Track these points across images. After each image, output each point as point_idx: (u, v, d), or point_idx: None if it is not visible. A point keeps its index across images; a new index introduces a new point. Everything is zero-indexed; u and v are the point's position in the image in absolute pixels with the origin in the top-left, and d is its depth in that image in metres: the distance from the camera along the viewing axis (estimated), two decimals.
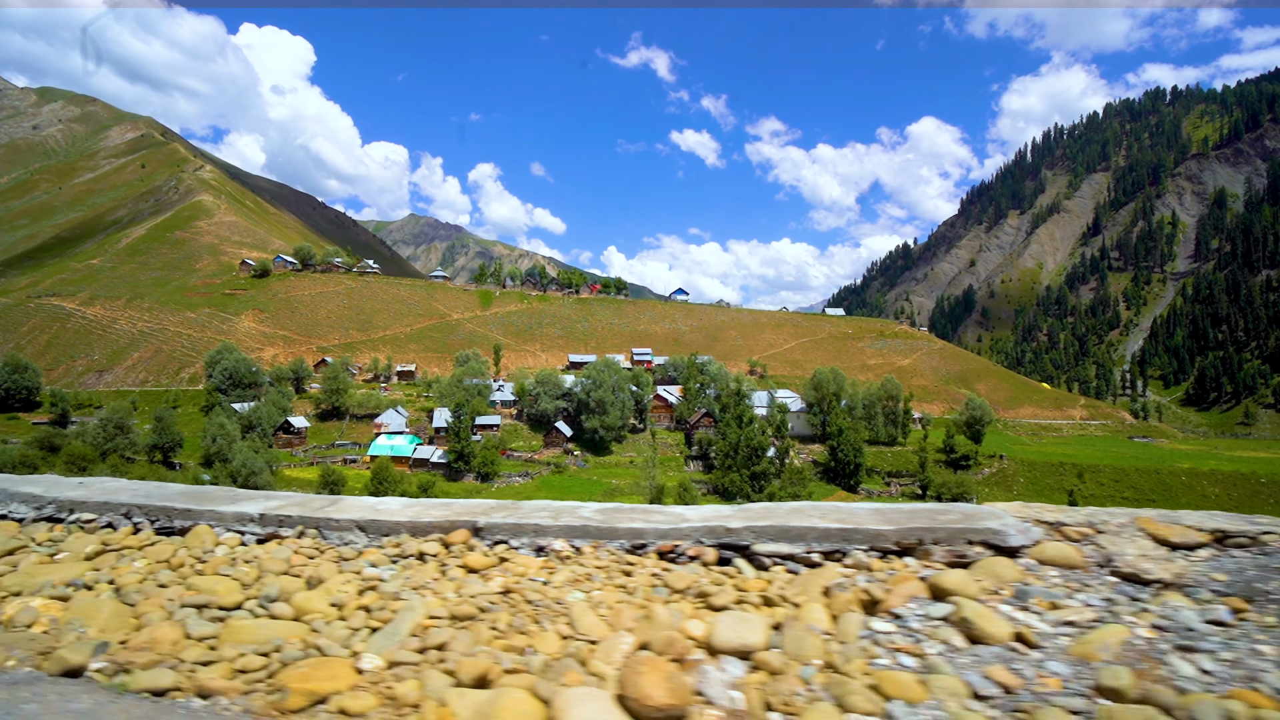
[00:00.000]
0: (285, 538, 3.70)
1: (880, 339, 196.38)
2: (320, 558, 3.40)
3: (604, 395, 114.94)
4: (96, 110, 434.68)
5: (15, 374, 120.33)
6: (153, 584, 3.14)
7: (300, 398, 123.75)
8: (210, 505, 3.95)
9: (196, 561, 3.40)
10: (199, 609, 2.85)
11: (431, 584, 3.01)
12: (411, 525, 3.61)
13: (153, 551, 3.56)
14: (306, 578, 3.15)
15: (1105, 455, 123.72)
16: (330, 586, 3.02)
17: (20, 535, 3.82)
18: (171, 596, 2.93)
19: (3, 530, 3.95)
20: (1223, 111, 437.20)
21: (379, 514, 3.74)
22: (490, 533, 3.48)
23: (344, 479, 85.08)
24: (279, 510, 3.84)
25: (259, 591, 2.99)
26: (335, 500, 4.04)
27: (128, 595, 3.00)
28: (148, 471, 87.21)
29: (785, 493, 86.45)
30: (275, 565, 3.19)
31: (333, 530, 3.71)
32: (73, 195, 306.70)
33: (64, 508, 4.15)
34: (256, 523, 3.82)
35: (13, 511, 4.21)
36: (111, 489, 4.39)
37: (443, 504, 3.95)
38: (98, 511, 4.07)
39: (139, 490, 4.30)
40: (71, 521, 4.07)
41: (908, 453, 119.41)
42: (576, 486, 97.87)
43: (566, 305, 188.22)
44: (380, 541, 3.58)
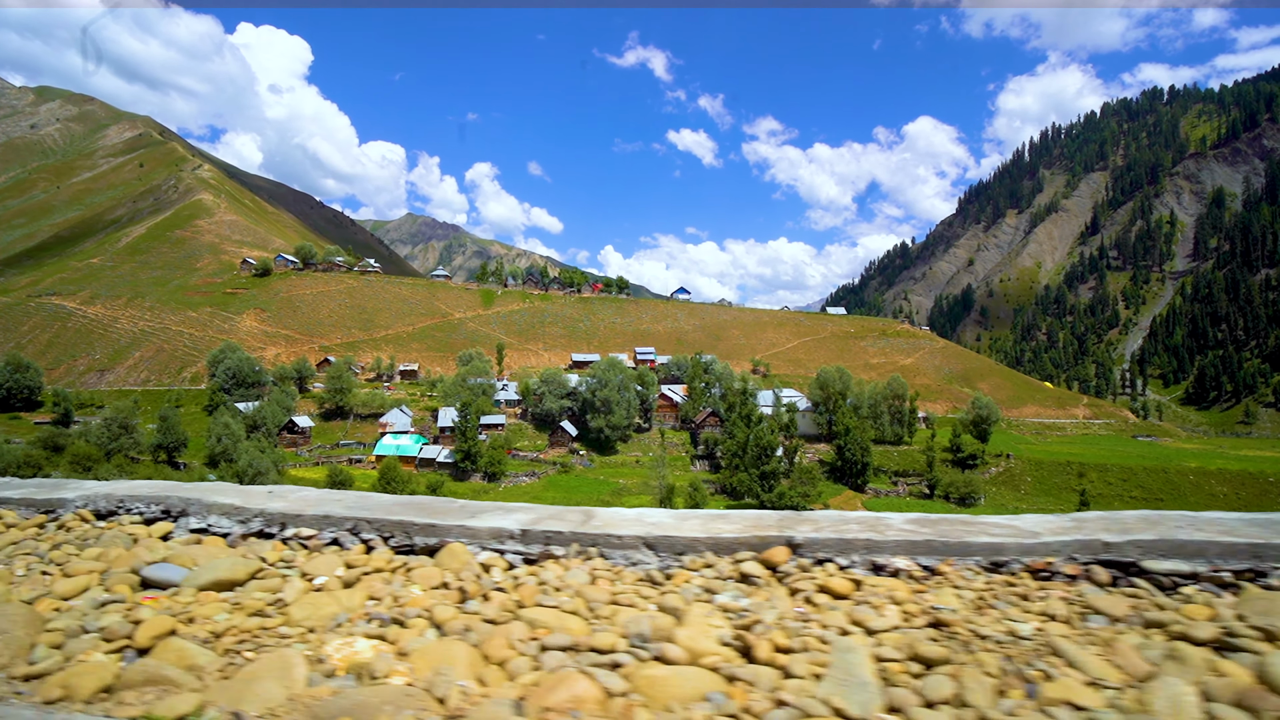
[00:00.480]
0: (559, 557, 3.28)
1: (882, 338, 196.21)
2: (627, 583, 2.97)
3: (609, 395, 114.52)
4: (94, 109, 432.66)
5: (17, 373, 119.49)
6: (475, 619, 2.64)
7: (304, 397, 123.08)
8: (455, 520, 3.51)
9: (482, 588, 2.96)
10: (567, 651, 2.38)
11: (826, 615, 2.55)
12: (712, 542, 3.18)
13: (421, 575, 3.12)
14: (664, 610, 2.67)
15: (1111, 454, 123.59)
16: (696, 620, 2.54)
17: (249, 555, 3.38)
18: (519, 635, 2.47)
19: (215, 547, 3.52)
20: (1220, 111, 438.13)
21: (663, 529, 3.31)
22: (810, 549, 3.07)
23: (351, 478, 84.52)
24: (542, 525, 3.41)
25: (622, 629, 2.50)
26: (590, 513, 3.61)
27: (460, 634, 2.55)
28: (153, 471, 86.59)
29: (795, 492, 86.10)
30: (597, 594, 2.73)
31: (615, 548, 3.28)
32: (71, 194, 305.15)
33: (272, 521, 3.72)
34: (518, 540, 3.39)
35: (214, 525, 3.78)
36: (312, 499, 3.95)
37: (718, 515, 3.53)
38: (316, 526, 3.63)
39: (347, 501, 3.86)
40: (287, 538, 3.63)
41: (914, 452, 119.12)
42: (584, 486, 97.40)
43: (568, 304, 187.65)
44: (681, 561, 3.16)
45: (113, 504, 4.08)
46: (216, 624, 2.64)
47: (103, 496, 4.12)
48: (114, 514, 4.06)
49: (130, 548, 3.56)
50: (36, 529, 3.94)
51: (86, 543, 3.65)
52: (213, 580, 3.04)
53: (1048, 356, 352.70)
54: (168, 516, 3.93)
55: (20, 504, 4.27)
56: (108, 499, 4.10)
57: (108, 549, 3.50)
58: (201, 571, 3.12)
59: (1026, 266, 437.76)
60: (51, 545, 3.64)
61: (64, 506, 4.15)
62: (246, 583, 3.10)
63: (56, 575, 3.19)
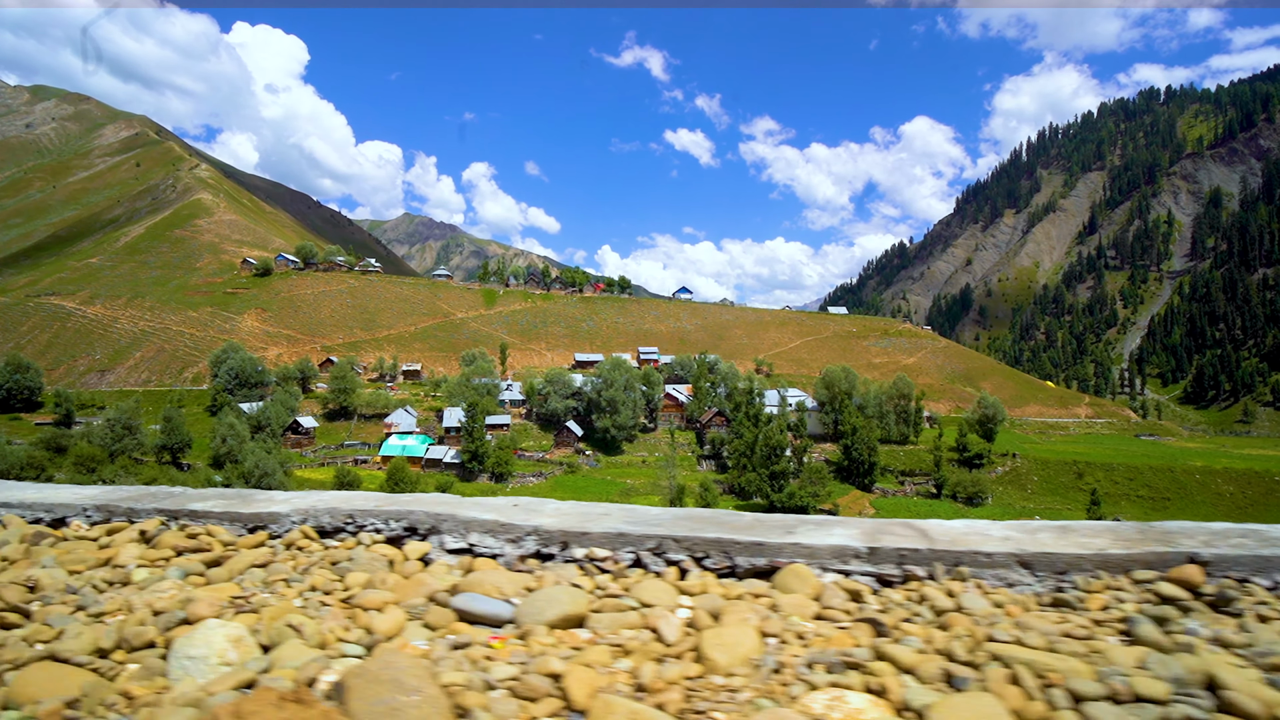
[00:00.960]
0: (921, 579, 2.81)
1: (884, 337, 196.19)
2: (1032, 608, 2.54)
3: (615, 395, 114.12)
4: (90, 108, 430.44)
5: (17, 374, 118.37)
6: (935, 659, 2.20)
7: (307, 397, 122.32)
8: (782, 537, 3.04)
9: (863, 616, 2.51)
10: (1127, 703, 1.91)
11: None
12: (1099, 559, 2.72)
13: (791, 605, 2.63)
14: (1154, 647, 2.20)
15: (1116, 454, 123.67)
16: (1218, 660, 2.06)
17: (577, 584, 2.88)
18: (1030, 682, 1.99)
19: (502, 573, 3.02)
20: (1217, 111, 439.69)
21: (1038, 545, 2.84)
22: (1220, 567, 2.61)
23: (358, 479, 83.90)
24: (888, 542, 2.94)
25: (1152, 673, 2.02)
26: (918, 527, 3.14)
27: (945, 680, 2.12)
28: (158, 473, 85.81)
29: (805, 492, 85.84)
30: (1044, 625, 2.39)
31: (985, 567, 2.81)
32: (67, 194, 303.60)
33: (550, 540, 3.22)
34: (865, 559, 2.92)
35: (478, 545, 3.28)
36: (593, 514, 3.48)
37: (1063, 527, 3.07)
38: (610, 546, 3.15)
39: (634, 517, 3.38)
40: (576, 560, 3.15)
41: (920, 451, 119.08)
42: (591, 486, 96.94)
43: (570, 304, 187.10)
44: (1069, 581, 2.69)
45: (338, 519, 3.59)
46: (635, 674, 2.19)
47: (325, 511, 3.62)
48: (340, 531, 3.58)
49: (387, 572, 3.08)
50: (259, 549, 3.44)
51: (338, 566, 3.17)
52: (560, 615, 2.55)
53: (1046, 356, 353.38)
54: (413, 534, 3.45)
55: (223, 518, 3.77)
56: (331, 514, 3.60)
57: (372, 574, 3.02)
58: (538, 605, 2.62)
59: (1024, 266, 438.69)
60: (298, 569, 3.16)
61: (278, 522, 3.66)
62: (590, 617, 2.60)
63: (342, 607, 2.69)
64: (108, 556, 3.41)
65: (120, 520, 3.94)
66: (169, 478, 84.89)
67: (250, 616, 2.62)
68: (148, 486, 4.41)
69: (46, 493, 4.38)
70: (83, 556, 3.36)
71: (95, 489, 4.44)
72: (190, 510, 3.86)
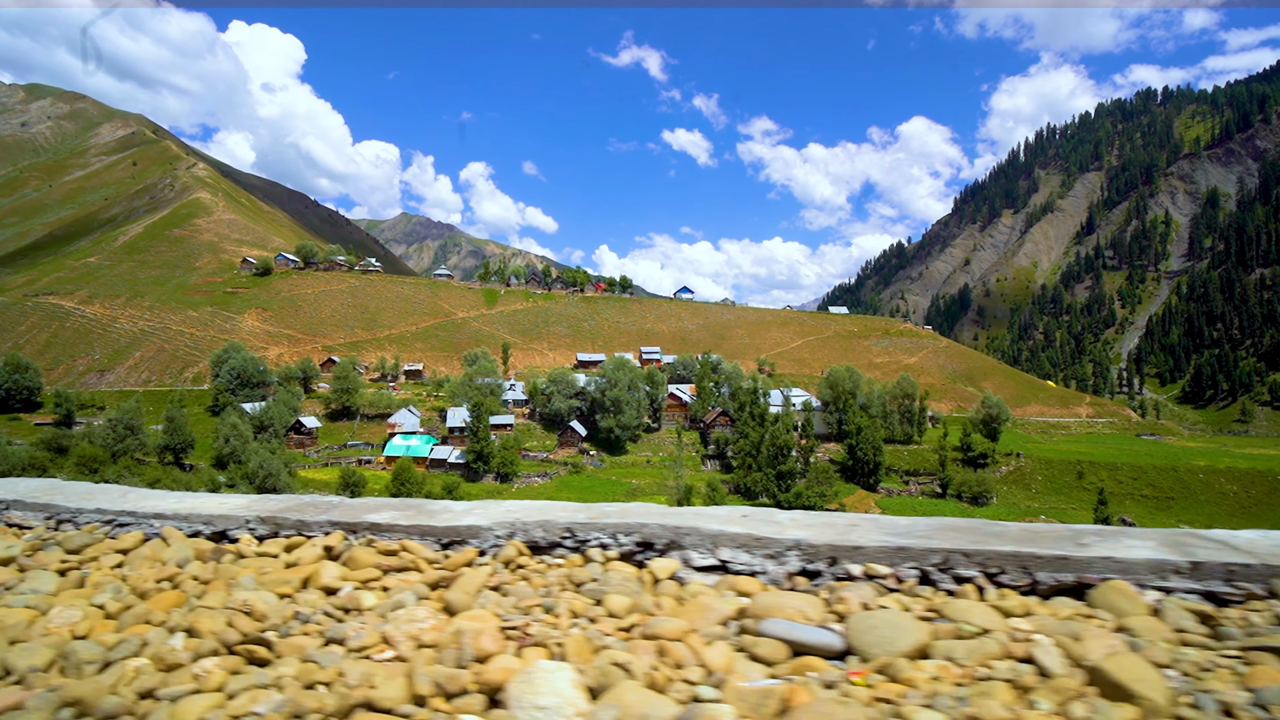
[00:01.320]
0: (1260, 596, 2.55)
1: (885, 337, 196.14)
2: None
3: (619, 394, 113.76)
4: (86, 107, 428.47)
5: (16, 374, 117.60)
6: None
7: (309, 397, 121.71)
8: (1082, 550, 2.69)
9: None
10: None
11: None
12: None
13: (1146, 628, 2.31)
14: None
15: (1119, 453, 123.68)
16: None
17: (886, 601, 2.52)
18: None
19: (774, 593, 2.67)
20: (1214, 112, 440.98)
21: None
22: None
23: (363, 480, 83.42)
24: (1211, 556, 2.59)
25: None
26: (1225, 539, 2.79)
27: None
28: (161, 474, 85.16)
29: (812, 492, 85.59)
30: None
31: None
32: (63, 193, 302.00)
33: (815, 555, 2.88)
34: (1186, 575, 2.61)
35: (732, 562, 2.93)
36: (835, 523, 3.13)
37: None
38: (889, 561, 2.80)
39: (892, 529, 3.03)
40: (846, 576, 2.80)
41: (924, 451, 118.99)
42: (597, 487, 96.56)
43: (572, 304, 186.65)
44: None
45: (553, 534, 3.23)
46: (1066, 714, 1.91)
47: (536, 525, 3.25)
48: (556, 546, 3.22)
49: (649, 594, 2.73)
50: (474, 568, 3.08)
51: (584, 589, 2.80)
52: (914, 645, 2.22)
53: (1045, 356, 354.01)
54: (647, 550, 3.09)
55: (411, 532, 3.40)
56: (544, 528, 3.24)
57: (634, 598, 2.66)
58: (878, 633, 2.28)
59: (1023, 266, 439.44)
60: (540, 591, 2.80)
61: (479, 536, 3.30)
62: (933, 645, 2.26)
63: (644, 640, 2.35)
64: (305, 576, 3.05)
65: (289, 534, 3.59)
66: (172, 478, 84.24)
67: (538, 650, 2.35)
68: (298, 496, 4.05)
69: (190, 502, 4.02)
70: (284, 577, 3.00)
71: (242, 498, 4.08)
72: (370, 523, 3.50)
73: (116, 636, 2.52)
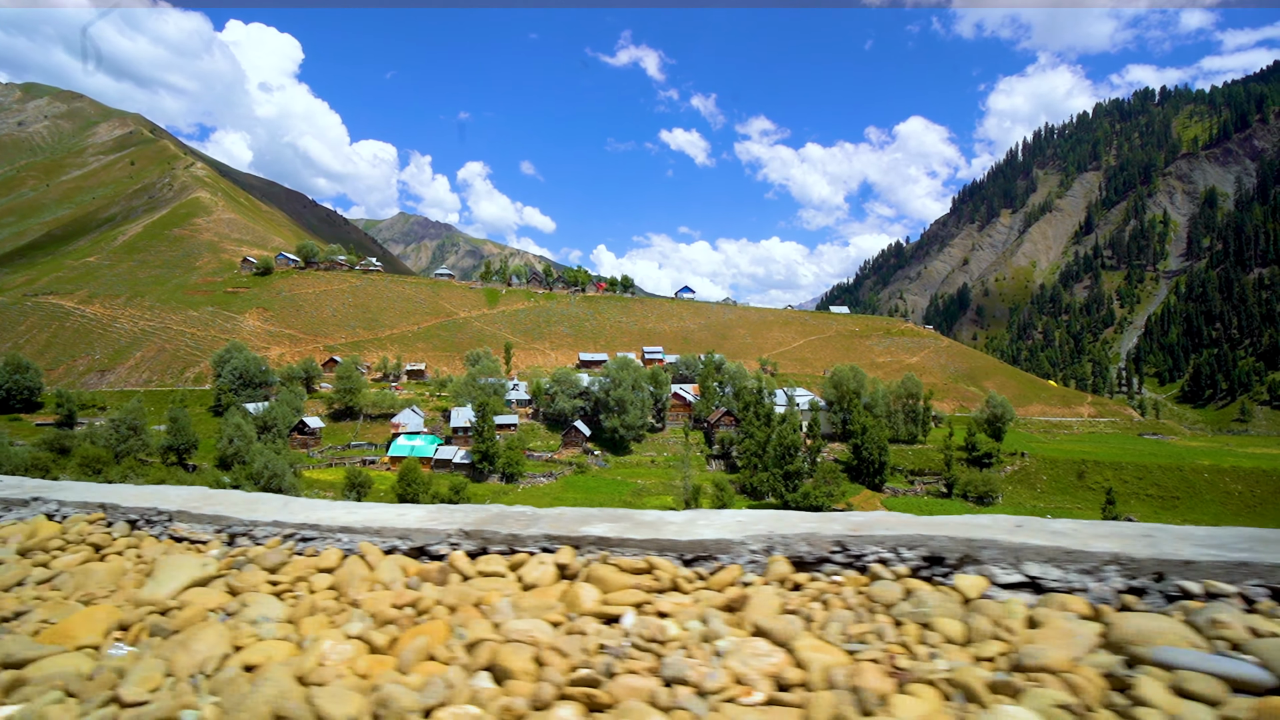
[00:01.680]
0: None
1: (887, 337, 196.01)
2: None
3: (624, 394, 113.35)
4: (83, 106, 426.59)
5: (17, 374, 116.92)
6: None
7: (311, 398, 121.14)
8: None
9: None
10: None
11: None
12: None
13: None
14: None
15: (1123, 453, 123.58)
16: None
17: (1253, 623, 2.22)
18: None
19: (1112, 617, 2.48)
20: (1211, 112, 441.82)
21: None
22: None
23: (369, 480, 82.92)
24: None
25: None
26: None
27: None
28: (165, 474, 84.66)
29: (819, 492, 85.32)
30: None
31: None
32: (61, 192, 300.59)
33: (1138, 570, 2.55)
34: None
35: (1044, 578, 2.59)
36: (1097, 532, 2.80)
37: None
38: (1228, 577, 2.54)
39: (1205, 539, 2.71)
40: (1181, 595, 2.53)
41: (929, 451, 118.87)
42: (602, 487, 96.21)
43: (573, 303, 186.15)
44: None
45: (819, 548, 2.90)
46: None
47: (800, 538, 2.92)
48: (824, 562, 2.89)
49: (965, 618, 2.48)
50: (741, 587, 2.76)
51: (895, 611, 2.46)
52: None
53: (1044, 355, 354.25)
54: (935, 565, 2.77)
55: (647, 546, 3.06)
56: (809, 541, 2.91)
57: (976, 624, 2.35)
58: None
59: (1021, 266, 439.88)
60: (867, 613, 2.46)
61: (730, 551, 2.96)
62: None
63: (1037, 676, 2.06)
64: (561, 599, 2.71)
65: (499, 549, 3.25)
66: (176, 479, 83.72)
67: (927, 688, 2.08)
68: (486, 506, 3.71)
69: (363, 514, 3.67)
70: (543, 601, 2.65)
71: (418, 508, 3.74)
72: (596, 537, 3.16)
73: (419, 678, 2.24)
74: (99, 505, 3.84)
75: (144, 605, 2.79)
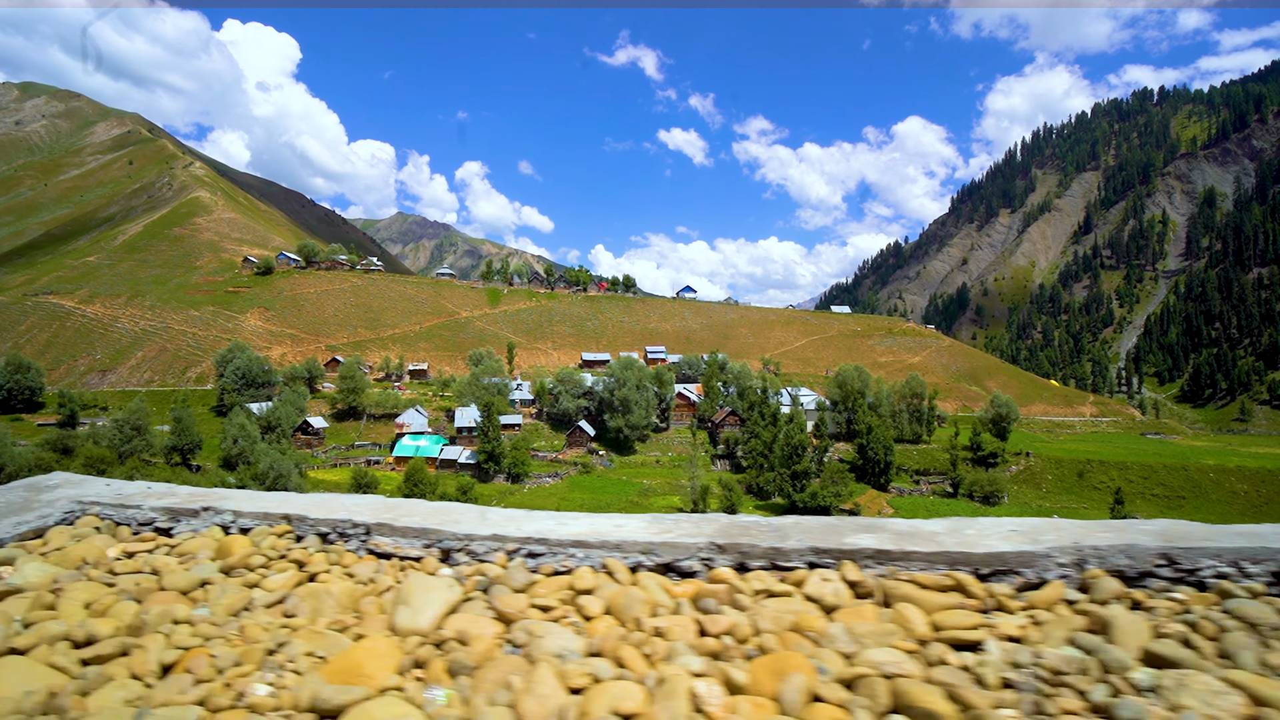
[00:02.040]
0: None
1: (889, 336, 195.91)
2: None
3: (628, 394, 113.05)
4: (81, 106, 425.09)
5: (18, 374, 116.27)
6: None
7: (314, 398, 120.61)
8: None
9: None
10: None
11: None
12: None
13: None
14: None
15: (1127, 452, 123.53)
16: None
17: None
18: None
19: None
20: (1210, 112, 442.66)
21: None
22: None
23: (376, 480, 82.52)
24: None
25: None
26: None
27: None
28: (170, 475, 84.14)
29: (827, 492, 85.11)
30: None
31: None
32: (59, 192, 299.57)
33: None
34: None
35: None
36: None
37: None
38: None
39: None
40: None
41: (934, 450, 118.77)
42: (609, 487, 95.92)
43: (575, 303, 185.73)
44: None
45: (1141, 561, 2.61)
46: None
47: (1116, 549, 2.62)
48: (1149, 576, 2.60)
49: None
50: (1069, 606, 2.46)
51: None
52: None
53: (1044, 355, 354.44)
54: (1188, 577, 2.51)
55: (936, 560, 2.77)
56: (1128, 553, 2.61)
57: None
58: None
59: (1020, 265, 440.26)
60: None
61: (1033, 565, 2.67)
62: None
63: None
64: (890, 620, 2.50)
65: (761, 565, 2.96)
66: (181, 479, 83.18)
67: None
68: (720, 517, 3.39)
69: (577, 526, 3.37)
70: (885, 627, 2.43)
71: (635, 519, 3.43)
72: (873, 550, 2.87)
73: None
74: (283, 516, 3.54)
75: (411, 635, 2.50)
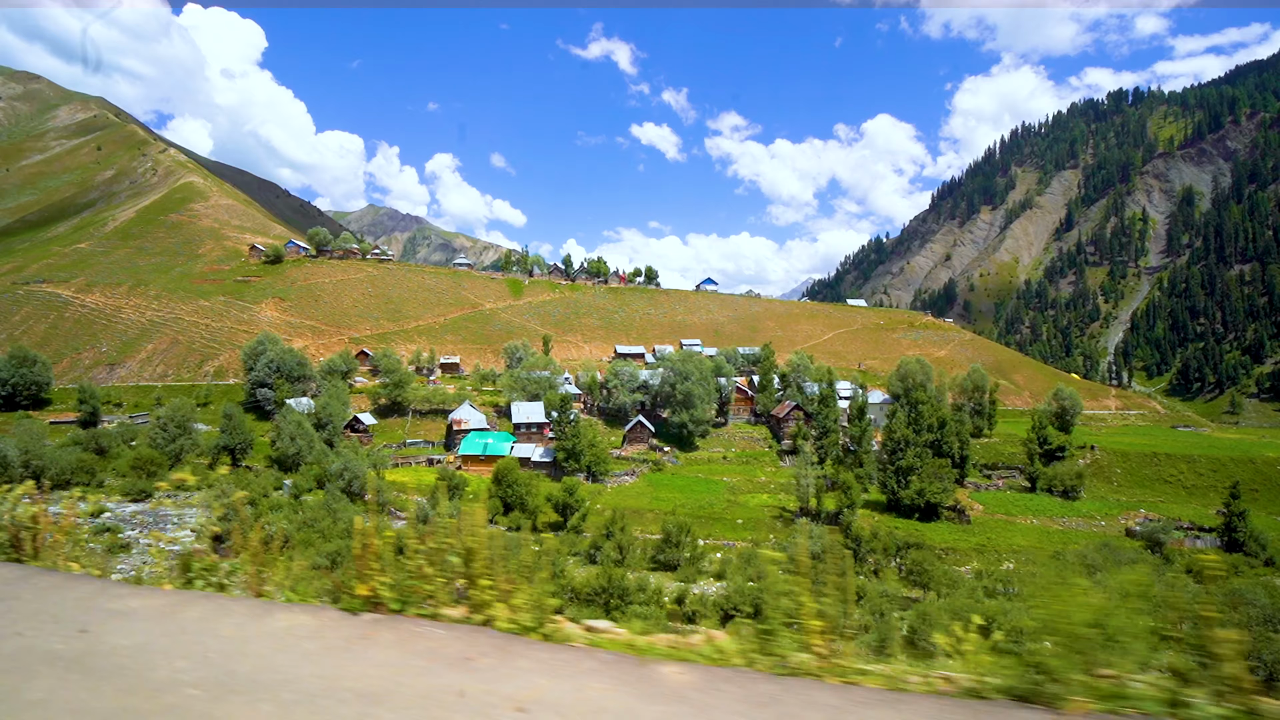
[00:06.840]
0: None
1: (911, 330, 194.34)
2: None
3: (691, 388, 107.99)
4: (41, 88, 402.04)
5: (22, 368, 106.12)
6: None
7: (350, 392, 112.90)
8: None
9: None
10: None
11: None
12: None
13: None
14: None
15: (1179, 444, 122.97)
16: None
17: None
18: None
19: None
20: (1185, 113, 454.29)
21: None
22: None
23: (464, 481, 75.95)
24: None
25: None
26: None
27: None
28: (235, 479, 76.38)
29: (934, 488, 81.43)
30: None
31: None
32: (23, 177, 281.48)
33: None
34: None
35: None
36: None
37: None
38: None
39: None
40: None
41: (996, 444, 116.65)
42: (693, 486, 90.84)
43: (599, 295, 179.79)
44: None
45: None
46: None
47: None
48: None
49: None
50: None
51: None
52: None
53: (1034, 349, 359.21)
54: None
55: None
56: None
57: None
58: None
59: (1005, 262, 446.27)
60: None
61: None
62: None
63: None
64: None
65: None
66: (243, 483, 75.55)
67: None
68: None
69: None
70: None
71: None
72: None
73: None
74: None
75: None
